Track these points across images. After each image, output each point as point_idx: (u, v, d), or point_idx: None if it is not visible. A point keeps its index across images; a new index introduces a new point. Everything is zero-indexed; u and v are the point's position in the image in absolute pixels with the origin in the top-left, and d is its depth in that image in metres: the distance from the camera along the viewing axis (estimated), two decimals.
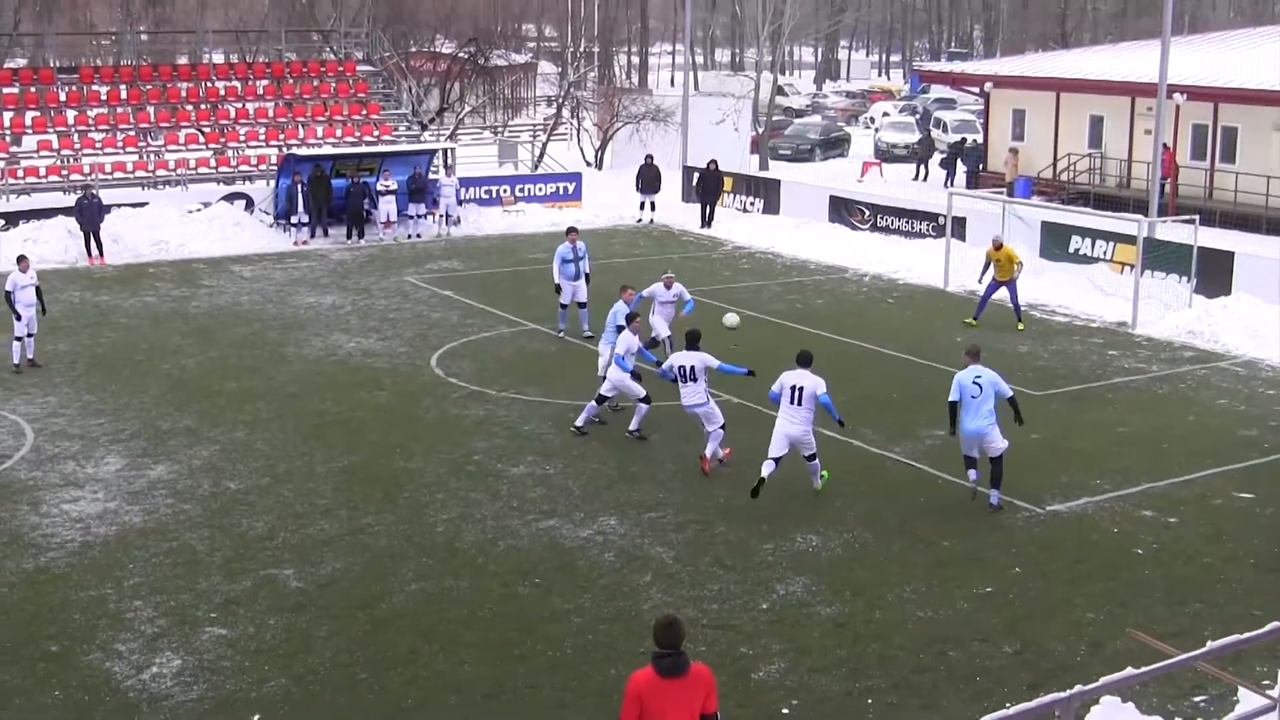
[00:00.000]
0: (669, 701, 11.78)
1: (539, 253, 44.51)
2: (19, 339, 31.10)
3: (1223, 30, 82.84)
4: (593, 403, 26.60)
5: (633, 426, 26.13)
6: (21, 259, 31.66)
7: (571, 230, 34.78)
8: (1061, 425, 27.16)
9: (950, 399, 23.09)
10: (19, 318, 30.99)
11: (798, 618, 18.61)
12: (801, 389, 22.74)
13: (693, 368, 24.28)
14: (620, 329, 26.94)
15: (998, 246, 36.24)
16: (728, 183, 55.58)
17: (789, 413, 22.81)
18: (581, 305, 33.86)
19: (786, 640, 17.90)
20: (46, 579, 19.89)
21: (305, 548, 20.93)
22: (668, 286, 30.58)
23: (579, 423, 26.50)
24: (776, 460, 22.83)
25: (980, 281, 37.33)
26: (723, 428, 24.60)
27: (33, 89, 55.98)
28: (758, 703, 16.26)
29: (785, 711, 16.12)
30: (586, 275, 34.05)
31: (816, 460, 23.36)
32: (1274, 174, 52.24)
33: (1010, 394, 23.40)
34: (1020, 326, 35.26)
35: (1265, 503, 23.20)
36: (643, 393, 25.97)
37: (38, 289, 31.26)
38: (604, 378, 27.01)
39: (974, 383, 22.85)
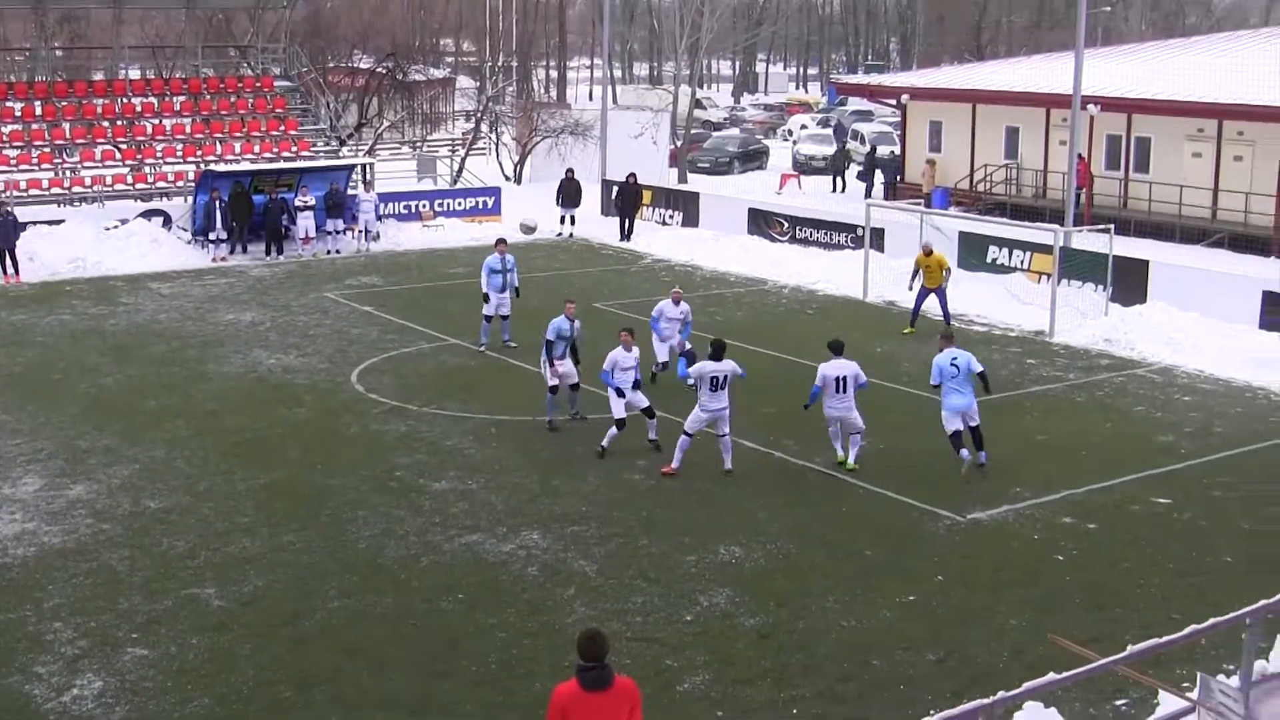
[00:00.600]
0: (593, 715, 11.84)
1: (459, 267, 44.48)
2: None
3: (1135, 43, 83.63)
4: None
5: (604, 442, 25.92)
6: None
7: (500, 241, 34.86)
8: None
9: (933, 383, 25.50)
10: None
11: (722, 629, 18.64)
12: (846, 378, 25.01)
13: (725, 377, 24.63)
14: (566, 341, 27.35)
15: (927, 253, 36.63)
16: (647, 196, 55.73)
17: (837, 400, 25.09)
18: (504, 317, 33.84)
19: (711, 651, 17.92)
20: None
21: (227, 566, 20.80)
22: (675, 303, 30.66)
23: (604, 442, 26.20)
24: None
25: (910, 289, 37.64)
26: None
27: None
28: (683, 714, 16.27)
29: None
30: (516, 290, 34.02)
31: (860, 437, 25.39)
32: (1187, 183, 52.82)
33: (981, 369, 25.71)
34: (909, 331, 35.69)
35: (1182, 508, 23.43)
36: (622, 415, 25.92)
37: None
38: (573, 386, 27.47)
39: (952, 364, 25.11)
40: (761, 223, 50.85)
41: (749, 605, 19.35)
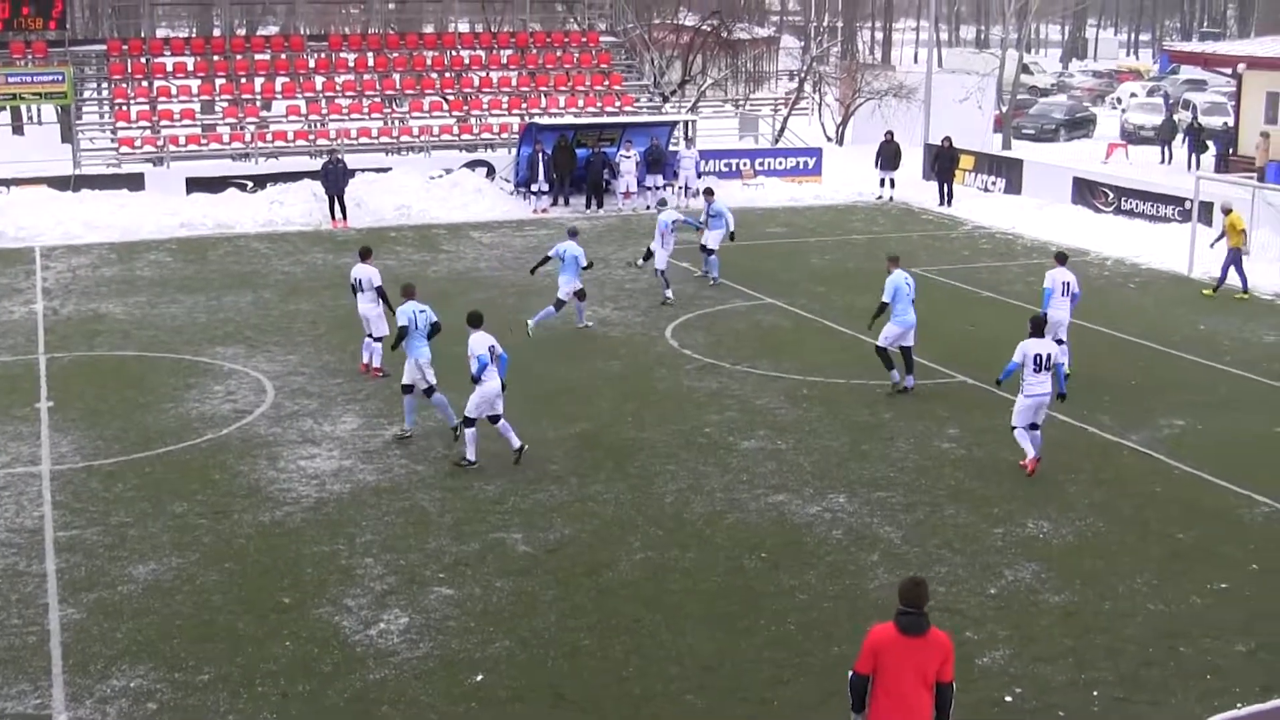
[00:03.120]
0: (905, 659, 12.19)
1: (777, 227, 44.40)
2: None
3: None
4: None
5: None
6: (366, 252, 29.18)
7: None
8: None
9: (884, 300, 26.64)
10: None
11: (1025, 604, 18.32)
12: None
13: (1049, 355, 22.77)
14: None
15: (1226, 212, 36.83)
16: (967, 160, 54.92)
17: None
18: None
19: (1013, 627, 17.63)
20: (281, 532, 20.37)
21: (534, 513, 21.14)
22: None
23: None
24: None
25: (1212, 246, 37.61)
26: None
27: (283, 56, 57.34)
28: (980, 688, 16.00)
29: (1008, 699, 15.86)
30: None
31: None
32: None
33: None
34: (1242, 297, 35.84)
35: None
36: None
37: (379, 290, 28.42)
38: None
39: (906, 283, 26.78)
40: (1086, 192, 49.73)
41: (1054, 582, 18.98)
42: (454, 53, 59.66)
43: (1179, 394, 27.67)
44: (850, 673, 12.45)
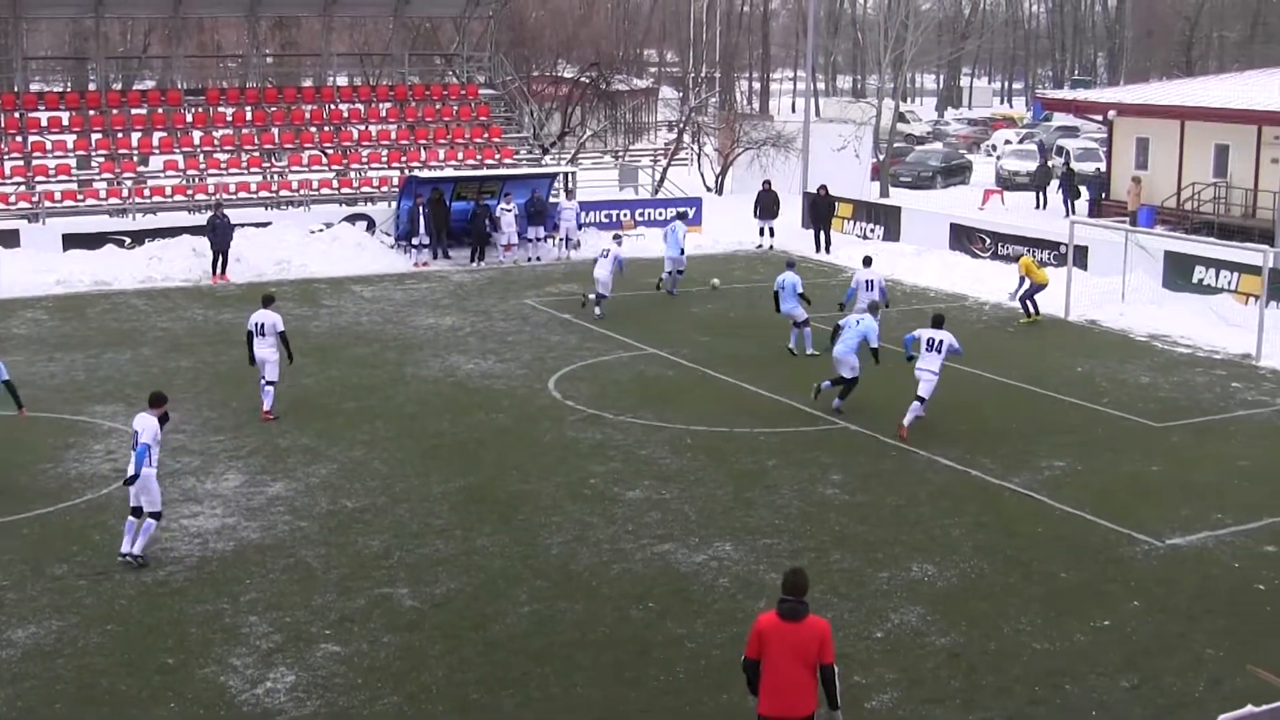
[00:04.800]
0: (784, 643, 13.46)
1: (657, 277, 44.48)
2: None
3: None
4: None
5: None
6: (268, 299, 29.72)
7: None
8: (1182, 458, 26.81)
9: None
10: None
11: (912, 647, 18.45)
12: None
13: (940, 341, 27.64)
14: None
15: (1017, 259, 41.60)
16: (846, 209, 55.42)
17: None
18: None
19: (900, 670, 17.75)
20: (165, 592, 20.12)
21: (420, 567, 21.03)
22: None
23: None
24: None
25: (1013, 298, 41.22)
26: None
27: (160, 110, 56.81)
28: None
29: None
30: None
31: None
32: None
33: (875, 345, 29.17)
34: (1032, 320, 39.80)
35: None
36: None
37: (282, 335, 29.01)
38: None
39: (858, 323, 29.44)
40: (963, 238, 50.36)
41: (940, 624, 19.14)
42: (333, 106, 59.49)
43: (1059, 435, 28.03)
44: (742, 659, 13.83)
